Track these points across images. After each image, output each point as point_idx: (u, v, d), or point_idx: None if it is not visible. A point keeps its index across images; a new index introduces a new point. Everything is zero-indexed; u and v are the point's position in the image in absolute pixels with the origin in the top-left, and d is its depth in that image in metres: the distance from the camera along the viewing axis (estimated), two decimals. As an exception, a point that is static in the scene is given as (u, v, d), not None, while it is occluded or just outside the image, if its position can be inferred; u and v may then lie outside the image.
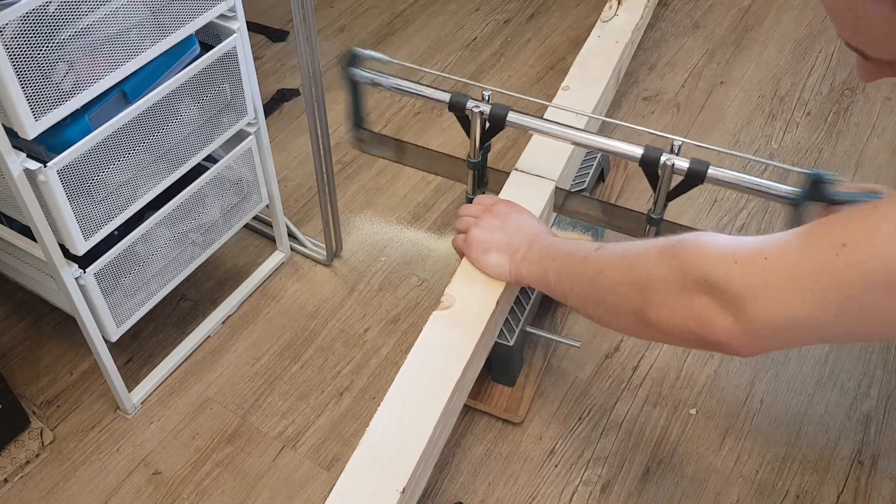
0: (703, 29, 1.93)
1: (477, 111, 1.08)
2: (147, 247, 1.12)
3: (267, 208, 1.35)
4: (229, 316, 1.36)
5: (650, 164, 1.01)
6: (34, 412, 1.22)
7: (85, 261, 1.03)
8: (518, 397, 1.22)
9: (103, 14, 0.90)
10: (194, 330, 1.32)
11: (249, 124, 1.21)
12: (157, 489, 1.15)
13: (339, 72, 1.12)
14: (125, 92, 1.00)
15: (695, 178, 1.00)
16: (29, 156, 0.90)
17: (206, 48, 1.08)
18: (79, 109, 0.93)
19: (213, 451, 1.19)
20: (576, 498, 1.13)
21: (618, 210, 1.15)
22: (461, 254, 1.04)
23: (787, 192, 0.96)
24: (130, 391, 1.23)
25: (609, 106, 1.51)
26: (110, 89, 0.96)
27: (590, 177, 1.38)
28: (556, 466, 1.17)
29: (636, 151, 1.02)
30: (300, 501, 1.14)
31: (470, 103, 1.09)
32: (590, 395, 1.25)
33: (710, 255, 0.69)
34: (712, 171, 0.99)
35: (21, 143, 0.89)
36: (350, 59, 1.12)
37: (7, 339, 1.33)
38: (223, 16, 1.08)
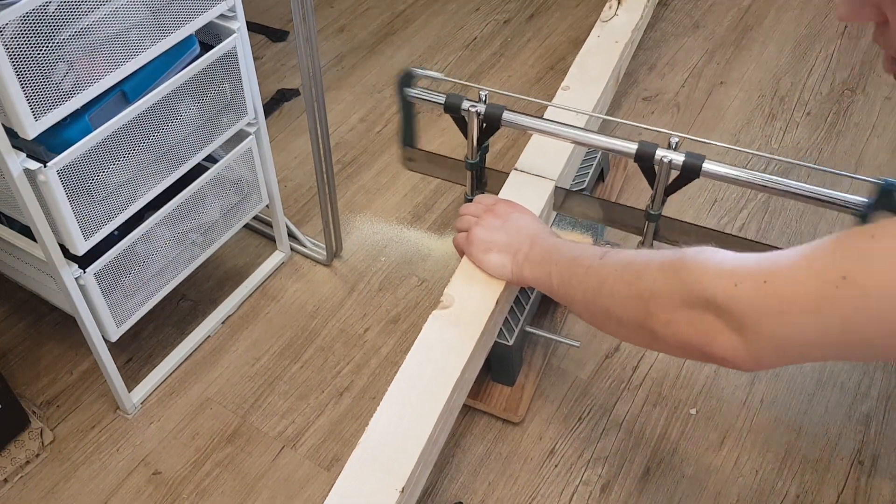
0: (703, 29, 1.93)
1: (473, 111, 1.08)
2: (147, 247, 1.12)
3: (267, 208, 1.35)
4: (229, 316, 1.36)
5: (645, 160, 1.01)
6: (34, 412, 1.22)
7: (85, 261, 1.03)
8: (517, 397, 1.22)
9: (103, 14, 0.90)
10: (194, 330, 1.33)
11: (249, 124, 1.21)
12: (157, 489, 1.15)
13: (394, 93, 1.12)
14: (125, 92, 1.00)
15: (691, 173, 1.00)
16: (29, 156, 0.90)
17: (206, 48, 1.08)
18: (79, 109, 0.93)
19: (213, 451, 1.19)
20: (576, 498, 1.13)
21: (617, 207, 1.15)
22: (462, 253, 1.04)
23: (856, 202, 0.95)
24: (130, 391, 1.23)
25: (609, 106, 1.51)
26: (110, 89, 0.96)
27: (589, 176, 1.38)
28: (556, 466, 1.17)
29: (630, 147, 1.02)
30: (300, 501, 1.14)
31: (465, 104, 1.09)
32: (590, 395, 1.25)
33: (711, 273, 0.69)
34: (708, 165, 0.99)
35: (21, 143, 0.89)
36: (406, 80, 1.13)
37: (7, 339, 1.33)
38: (223, 16, 1.08)
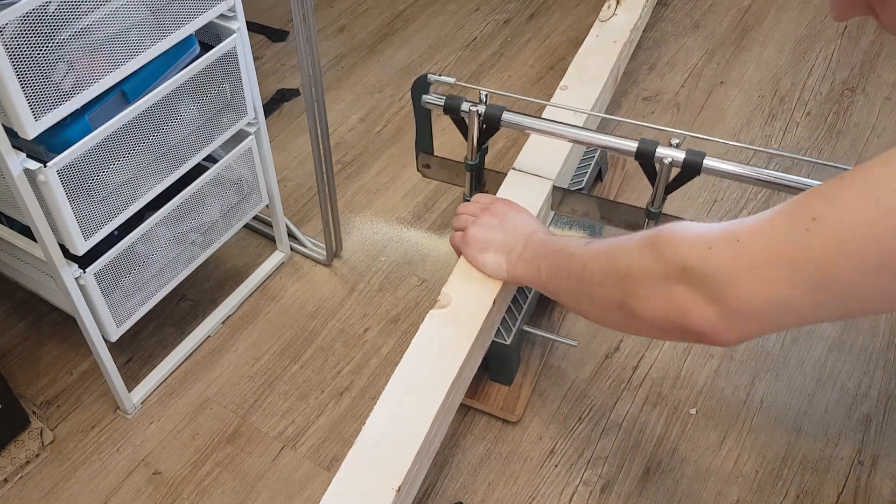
0: (703, 29, 1.93)
1: (473, 112, 1.08)
2: (147, 247, 1.12)
3: (267, 208, 1.35)
4: (229, 316, 1.36)
5: (646, 158, 1.01)
6: (34, 412, 1.22)
7: (85, 261, 1.03)
8: (515, 396, 1.22)
9: (103, 14, 0.90)
10: (194, 330, 1.33)
11: (249, 124, 1.21)
12: (157, 489, 1.15)
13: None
14: (125, 92, 1.00)
15: (692, 170, 0.99)
16: (29, 156, 0.90)
17: (206, 48, 1.08)
18: (79, 109, 0.93)
19: (213, 451, 1.19)
20: (576, 498, 1.13)
21: (616, 206, 1.15)
22: (458, 252, 1.04)
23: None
24: (130, 391, 1.23)
25: (608, 106, 1.51)
26: (110, 89, 0.96)
27: (587, 176, 1.38)
28: (556, 466, 1.17)
29: (631, 145, 1.02)
30: (300, 501, 1.14)
31: (465, 105, 1.09)
32: (589, 395, 1.25)
33: (685, 243, 0.69)
34: (709, 162, 0.99)
35: (21, 143, 0.89)
36: (423, 86, 1.13)
37: (7, 339, 1.33)
38: (223, 16, 1.08)
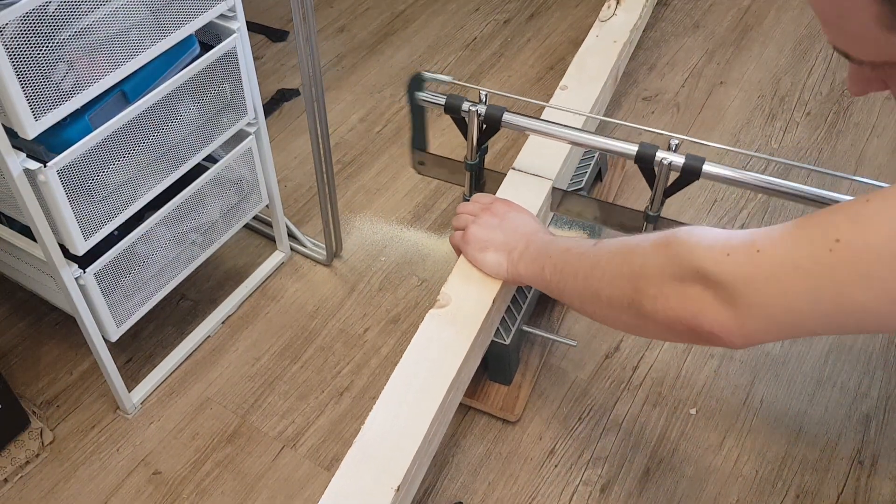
0: (703, 29, 1.93)
1: (473, 112, 1.08)
2: (147, 247, 1.12)
3: (267, 208, 1.35)
4: (229, 316, 1.36)
5: (645, 161, 1.01)
6: (34, 412, 1.22)
7: (85, 261, 1.03)
8: (514, 396, 1.22)
9: (103, 14, 0.90)
10: (194, 330, 1.33)
11: (249, 124, 1.21)
12: (157, 489, 1.15)
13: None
14: (125, 92, 1.00)
15: (691, 174, 1.00)
16: (29, 156, 0.90)
17: (206, 48, 1.08)
18: (79, 109, 0.93)
19: (213, 451, 1.19)
20: (576, 498, 1.13)
21: (615, 208, 1.15)
22: (458, 251, 1.04)
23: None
24: (130, 391, 1.23)
25: (608, 106, 1.51)
26: (110, 89, 0.96)
27: (587, 176, 1.38)
28: (556, 466, 1.17)
29: (631, 149, 1.02)
30: (300, 501, 1.14)
31: (466, 105, 1.08)
32: (590, 395, 1.25)
33: (703, 246, 0.69)
34: (708, 167, 0.99)
35: (21, 143, 0.89)
36: (417, 83, 1.13)
37: (7, 339, 1.33)
38: (223, 16, 1.08)
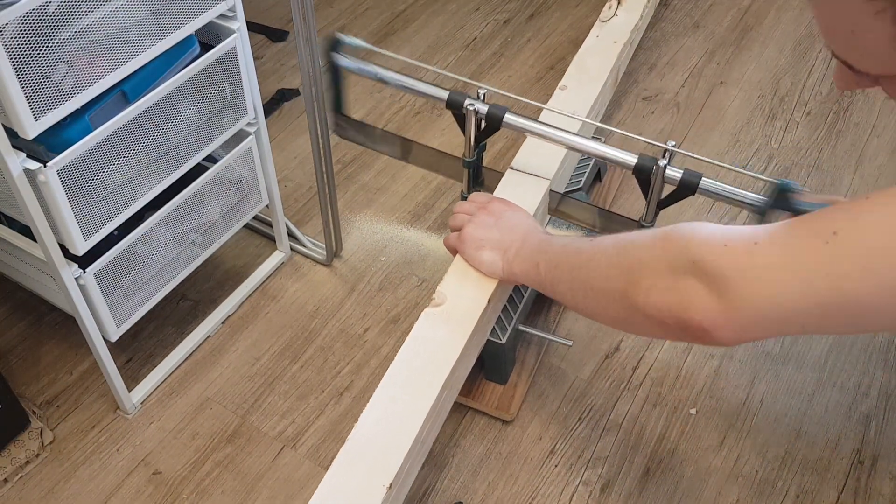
0: (703, 29, 1.93)
1: (472, 109, 1.07)
2: (147, 247, 1.12)
3: (267, 208, 1.35)
4: (229, 316, 1.36)
5: (643, 173, 1.01)
6: (34, 412, 1.22)
7: (85, 261, 1.03)
8: (510, 395, 1.22)
9: (103, 14, 0.90)
10: (194, 330, 1.33)
11: (249, 124, 1.21)
12: (157, 489, 1.15)
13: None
14: (125, 92, 1.00)
15: (686, 189, 1.00)
16: (29, 156, 0.90)
17: (206, 48, 1.08)
18: (79, 109, 0.93)
19: (213, 451, 1.19)
20: (576, 498, 1.14)
21: (611, 216, 1.15)
22: (454, 251, 1.04)
23: (754, 199, 0.97)
24: (130, 391, 1.23)
25: (608, 106, 1.51)
26: (110, 89, 0.96)
27: (586, 176, 1.38)
28: (556, 466, 1.17)
29: (630, 160, 1.02)
30: (300, 501, 1.14)
31: (466, 101, 1.08)
32: (589, 395, 1.25)
33: (702, 237, 0.69)
34: (704, 183, 0.99)
35: (21, 143, 0.89)
36: (333, 45, 1.12)
37: (7, 339, 1.33)
38: (223, 16, 1.08)
